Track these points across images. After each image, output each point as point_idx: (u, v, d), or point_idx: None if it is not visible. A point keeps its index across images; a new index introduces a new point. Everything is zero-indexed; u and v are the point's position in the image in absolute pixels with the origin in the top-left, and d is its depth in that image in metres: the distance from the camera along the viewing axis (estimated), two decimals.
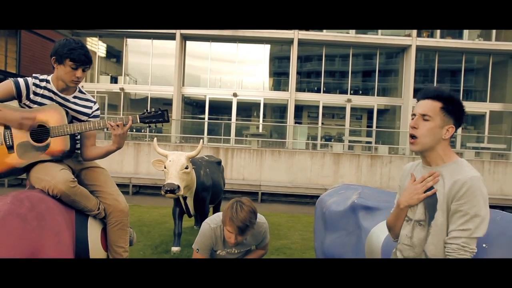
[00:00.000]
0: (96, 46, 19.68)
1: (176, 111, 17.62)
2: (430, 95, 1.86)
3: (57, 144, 2.48)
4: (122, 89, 18.56)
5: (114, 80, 19.41)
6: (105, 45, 19.95)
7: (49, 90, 2.56)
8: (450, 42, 17.25)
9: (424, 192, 1.84)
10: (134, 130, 15.43)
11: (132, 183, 11.12)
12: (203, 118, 18.42)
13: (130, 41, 19.30)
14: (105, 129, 2.63)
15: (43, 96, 2.55)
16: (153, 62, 18.99)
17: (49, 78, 2.59)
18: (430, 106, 1.83)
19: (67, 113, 2.53)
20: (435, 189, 1.81)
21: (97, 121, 2.55)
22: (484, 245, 1.91)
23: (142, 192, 11.27)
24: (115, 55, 20.16)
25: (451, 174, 1.78)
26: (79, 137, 2.73)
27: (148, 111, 2.60)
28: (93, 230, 2.47)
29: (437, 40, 17.32)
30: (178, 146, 12.42)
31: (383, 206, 2.73)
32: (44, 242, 1.98)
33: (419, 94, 1.93)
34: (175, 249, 4.99)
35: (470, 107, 17.74)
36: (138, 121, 2.57)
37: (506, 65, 17.98)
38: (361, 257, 2.65)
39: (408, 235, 1.90)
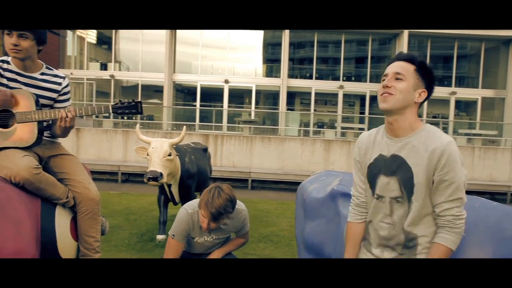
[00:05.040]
0: (86, 32, 19.35)
1: (167, 98, 17.46)
2: (403, 57, 1.78)
3: (24, 130, 2.37)
4: (112, 76, 18.33)
5: (104, 67, 19.15)
6: (95, 31, 19.62)
7: (11, 71, 2.42)
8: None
9: (399, 167, 1.75)
10: (126, 118, 15.23)
11: (121, 171, 11.00)
12: (195, 105, 18.28)
13: None
14: (83, 117, 2.54)
15: (7, 78, 2.40)
16: (144, 49, 18.76)
17: (8, 59, 2.44)
18: (404, 66, 1.75)
19: (37, 100, 2.41)
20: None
21: (67, 109, 2.44)
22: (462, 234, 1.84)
23: (132, 180, 11.15)
24: (105, 41, 19.86)
25: (425, 143, 1.69)
26: (47, 123, 2.62)
27: (122, 101, 2.53)
28: (62, 220, 2.37)
29: None
30: (168, 133, 12.29)
31: None
32: (2, 232, 1.89)
33: (391, 59, 1.85)
34: (160, 237, 4.93)
35: (462, 93, 17.77)
36: (111, 111, 2.50)
37: (498, 52, 17.94)
38: (340, 245, 2.58)
39: (387, 213, 1.81)
